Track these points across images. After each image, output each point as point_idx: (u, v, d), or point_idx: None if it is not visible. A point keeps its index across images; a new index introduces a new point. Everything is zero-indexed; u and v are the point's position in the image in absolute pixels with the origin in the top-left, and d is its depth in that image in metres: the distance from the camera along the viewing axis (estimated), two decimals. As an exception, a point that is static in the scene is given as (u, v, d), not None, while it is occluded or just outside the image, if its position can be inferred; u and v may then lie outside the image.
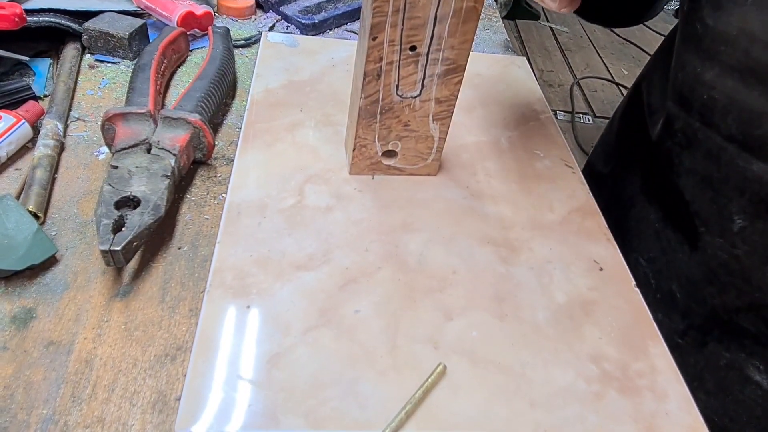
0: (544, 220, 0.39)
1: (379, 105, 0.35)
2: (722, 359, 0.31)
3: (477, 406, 0.28)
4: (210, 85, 0.43)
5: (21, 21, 0.45)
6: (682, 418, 0.29)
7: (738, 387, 0.30)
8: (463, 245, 0.36)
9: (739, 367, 0.32)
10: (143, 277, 0.33)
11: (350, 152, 0.39)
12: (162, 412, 0.27)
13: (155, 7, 0.54)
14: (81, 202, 0.37)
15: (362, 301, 0.31)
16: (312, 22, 0.61)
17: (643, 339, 0.32)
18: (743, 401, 0.34)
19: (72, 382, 0.27)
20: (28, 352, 0.28)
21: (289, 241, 0.34)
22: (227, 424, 0.25)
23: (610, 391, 0.29)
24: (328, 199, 0.37)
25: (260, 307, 0.30)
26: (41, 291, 0.31)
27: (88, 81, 0.48)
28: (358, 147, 0.38)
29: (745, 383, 0.30)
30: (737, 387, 0.30)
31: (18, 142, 0.39)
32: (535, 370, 0.30)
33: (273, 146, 0.41)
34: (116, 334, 0.29)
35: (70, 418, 0.26)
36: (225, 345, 0.28)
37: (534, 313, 0.33)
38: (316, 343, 0.29)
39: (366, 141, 0.37)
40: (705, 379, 0.36)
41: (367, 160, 0.39)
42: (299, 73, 0.49)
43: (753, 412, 0.34)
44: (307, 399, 0.27)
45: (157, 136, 0.37)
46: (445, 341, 0.30)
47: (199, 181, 0.40)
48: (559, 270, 0.36)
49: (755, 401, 0.30)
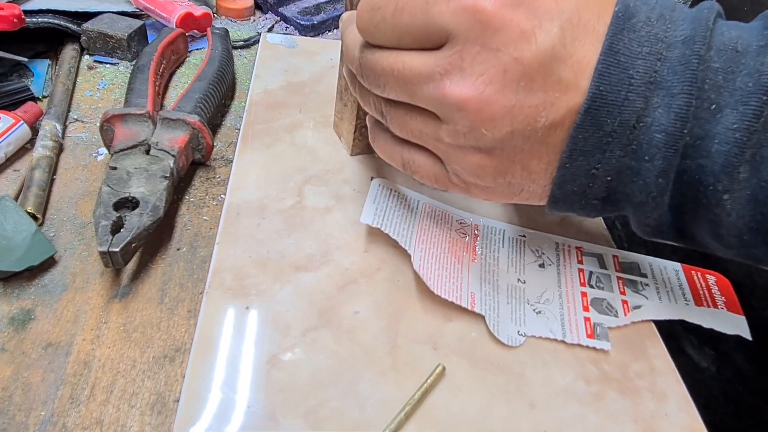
0: (543, 221, 0.39)
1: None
2: (664, 330, 0.34)
3: (476, 406, 0.28)
4: (209, 86, 0.43)
5: (20, 22, 0.45)
6: (682, 418, 0.29)
7: (673, 358, 0.32)
8: (463, 246, 0.36)
9: (677, 338, 0.34)
10: (142, 278, 0.33)
11: (350, 135, 0.40)
12: (161, 414, 0.27)
13: (154, 8, 0.54)
14: (80, 203, 0.37)
15: (362, 302, 0.31)
16: (311, 23, 0.61)
17: (642, 340, 0.32)
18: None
19: (70, 384, 0.27)
20: (26, 353, 0.28)
21: (289, 242, 0.34)
22: (226, 425, 0.25)
23: (610, 391, 0.29)
24: (328, 200, 0.37)
25: (259, 308, 0.30)
26: (40, 292, 0.31)
27: (87, 82, 0.48)
28: (359, 128, 0.39)
29: (680, 355, 0.32)
30: (672, 358, 0.32)
31: (16, 143, 0.39)
32: (535, 370, 0.30)
33: (272, 147, 0.41)
34: (115, 336, 0.29)
35: (69, 420, 0.26)
36: (224, 346, 0.28)
37: (533, 314, 0.33)
38: (316, 344, 0.29)
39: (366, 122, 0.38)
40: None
41: (366, 139, 0.39)
42: (298, 74, 0.49)
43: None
44: (306, 400, 0.27)
45: (155, 137, 0.37)
46: (444, 342, 0.30)
47: (198, 182, 0.40)
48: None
49: (686, 373, 0.31)
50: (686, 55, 0.23)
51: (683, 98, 0.23)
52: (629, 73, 0.23)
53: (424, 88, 0.25)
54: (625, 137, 0.24)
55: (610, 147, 0.24)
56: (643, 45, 0.23)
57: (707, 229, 0.26)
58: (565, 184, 0.26)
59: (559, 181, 0.26)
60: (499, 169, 0.26)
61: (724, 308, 0.34)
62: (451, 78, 0.24)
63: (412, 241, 0.33)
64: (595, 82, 0.23)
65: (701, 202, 0.25)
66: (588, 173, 0.25)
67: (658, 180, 0.24)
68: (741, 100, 0.23)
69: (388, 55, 0.26)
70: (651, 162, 0.24)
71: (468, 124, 0.25)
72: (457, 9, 0.23)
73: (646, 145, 0.24)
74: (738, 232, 0.25)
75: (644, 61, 0.23)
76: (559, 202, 0.27)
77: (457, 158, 0.27)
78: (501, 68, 0.23)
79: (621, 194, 0.26)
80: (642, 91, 0.23)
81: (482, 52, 0.23)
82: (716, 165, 0.23)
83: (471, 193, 0.29)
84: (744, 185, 0.23)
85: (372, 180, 0.37)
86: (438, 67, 0.24)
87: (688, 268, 0.37)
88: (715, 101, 0.23)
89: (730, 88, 0.23)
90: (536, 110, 0.24)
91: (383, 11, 0.25)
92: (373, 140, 0.32)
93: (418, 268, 0.31)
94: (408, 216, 0.35)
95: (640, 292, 0.35)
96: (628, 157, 0.24)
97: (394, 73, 0.26)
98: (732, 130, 0.23)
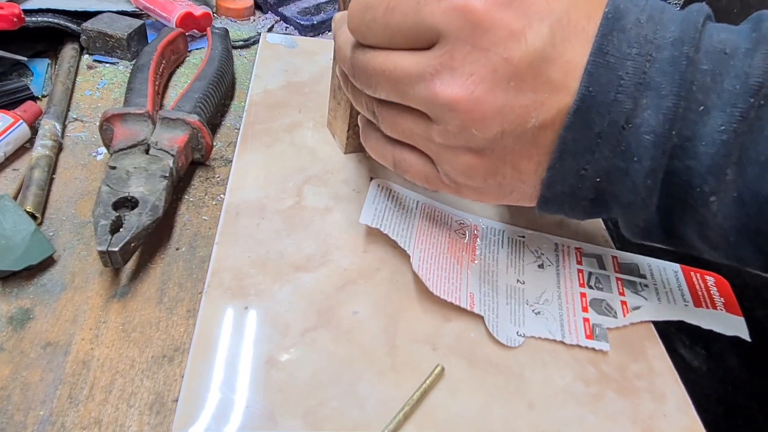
0: (543, 222, 0.39)
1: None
2: (656, 329, 0.34)
3: (475, 407, 0.28)
4: (208, 86, 0.43)
5: (19, 21, 0.45)
6: (681, 419, 0.29)
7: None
8: (462, 246, 0.36)
9: (669, 337, 0.34)
10: (141, 278, 0.33)
11: (343, 133, 0.40)
12: (159, 414, 0.27)
13: (154, 7, 0.54)
14: (79, 202, 0.37)
15: (361, 303, 0.31)
16: (311, 23, 0.62)
17: (641, 340, 0.32)
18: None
19: (69, 383, 0.27)
20: (25, 353, 0.28)
21: (288, 242, 0.34)
22: (225, 426, 0.25)
23: (609, 392, 0.30)
24: (327, 200, 0.37)
25: (258, 308, 0.30)
26: (39, 292, 0.31)
27: (87, 81, 0.48)
28: (352, 127, 0.39)
29: (672, 354, 0.32)
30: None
31: (16, 142, 0.39)
32: (534, 371, 0.30)
33: (272, 147, 0.41)
34: (114, 335, 0.29)
35: (68, 420, 0.26)
36: (223, 346, 0.28)
37: (532, 315, 0.33)
38: (315, 344, 0.29)
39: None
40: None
41: (360, 138, 0.39)
42: (298, 74, 0.49)
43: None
44: (305, 400, 0.27)
45: (155, 137, 0.37)
46: (443, 342, 0.30)
47: (197, 181, 0.40)
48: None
49: (677, 372, 0.32)
50: (675, 57, 0.23)
51: (672, 99, 0.23)
52: (618, 74, 0.23)
53: (414, 88, 0.25)
54: (614, 138, 0.24)
55: (599, 147, 0.24)
56: (633, 46, 0.23)
57: (694, 231, 0.26)
58: (554, 185, 0.26)
59: (549, 181, 0.26)
60: (490, 169, 0.26)
61: (723, 309, 0.34)
62: (442, 78, 0.24)
63: (411, 241, 0.33)
64: (584, 83, 0.23)
65: (688, 203, 0.25)
66: (577, 174, 0.25)
67: (646, 181, 0.24)
68: (728, 101, 0.23)
69: (379, 55, 0.26)
70: (639, 162, 0.24)
71: (458, 124, 0.25)
72: (447, 9, 0.23)
73: (635, 146, 0.24)
74: (724, 234, 0.25)
75: (633, 62, 0.23)
76: (548, 202, 0.27)
77: (448, 158, 0.27)
78: (491, 68, 0.23)
79: (610, 195, 0.26)
80: (631, 92, 0.23)
81: (472, 52, 0.23)
82: (703, 166, 0.23)
83: (461, 193, 0.29)
84: (730, 187, 0.23)
85: (371, 180, 0.37)
86: (429, 67, 0.24)
87: (687, 269, 0.37)
88: (703, 103, 0.23)
89: (717, 89, 0.23)
90: (526, 110, 0.24)
91: (374, 11, 0.25)
92: (364, 140, 0.32)
93: (417, 268, 0.31)
94: (407, 216, 0.35)
95: (639, 293, 0.35)
96: (617, 158, 0.24)
97: (385, 73, 0.26)
98: (719, 131, 0.23)
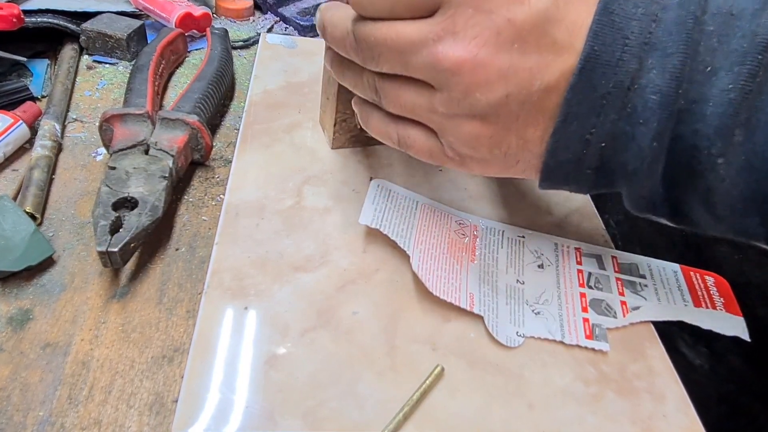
0: (542, 222, 0.39)
1: None
2: (657, 329, 0.34)
3: (475, 407, 0.28)
4: (208, 87, 0.43)
5: (19, 22, 0.45)
6: (680, 420, 0.29)
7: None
8: (462, 247, 0.36)
9: (671, 336, 0.34)
10: (140, 278, 0.33)
11: (330, 128, 0.40)
12: (159, 414, 0.27)
13: (153, 8, 0.54)
14: (78, 203, 0.37)
15: (360, 303, 0.31)
16: (310, 24, 0.61)
17: (640, 341, 0.32)
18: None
19: (69, 384, 0.27)
20: (24, 353, 0.28)
21: (288, 243, 0.34)
22: (225, 426, 0.25)
23: (608, 392, 0.30)
24: (327, 201, 0.37)
25: (258, 308, 0.30)
26: (38, 292, 0.31)
27: (86, 82, 0.48)
28: (339, 122, 0.39)
29: (674, 353, 0.32)
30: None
31: (15, 142, 0.39)
32: (533, 371, 0.30)
33: (271, 147, 0.41)
34: (113, 336, 0.29)
35: (67, 420, 0.26)
36: (222, 346, 0.28)
37: (532, 315, 0.33)
38: (314, 345, 0.29)
39: (346, 115, 0.39)
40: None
41: (347, 133, 0.40)
42: (297, 75, 0.49)
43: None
44: (305, 400, 0.27)
45: (155, 137, 0.37)
46: (443, 342, 0.30)
47: (197, 182, 0.40)
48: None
49: (679, 371, 0.32)
50: (681, 17, 0.23)
51: (678, 58, 0.23)
52: (624, 34, 0.23)
53: (417, 56, 0.25)
54: (620, 100, 0.24)
55: (604, 110, 0.24)
56: (638, 6, 0.23)
57: (700, 200, 0.25)
58: (558, 152, 0.26)
59: (553, 147, 0.26)
60: (495, 138, 0.26)
61: (723, 309, 0.34)
62: (444, 42, 0.24)
63: (410, 241, 0.33)
64: (589, 42, 0.23)
65: (695, 169, 0.24)
66: (582, 138, 0.25)
67: (652, 144, 0.24)
68: (736, 61, 0.23)
69: (381, 25, 0.26)
70: (645, 125, 0.24)
71: (462, 89, 0.24)
72: None
73: (641, 108, 0.24)
74: (731, 201, 0.24)
75: (639, 23, 0.23)
76: (552, 172, 0.27)
77: (452, 129, 0.27)
78: (494, 30, 0.23)
79: (615, 163, 0.26)
80: (636, 51, 0.23)
81: (475, 14, 0.23)
82: (710, 128, 0.23)
83: (466, 166, 0.29)
84: (738, 150, 0.23)
85: (371, 180, 0.37)
86: (431, 33, 0.24)
87: (687, 269, 0.37)
88: (710, 63, 0.23)
89: (724, 50, 0.23)
90: (531, 73, 0.24)
91: None
92: (366, 121, 0.32)
93: (417, 268, 0.31)
94: (407, 216, 0.35)
95: (639, 293, 0.35)
96: (622, 121, 0.24)
97: (388, 42, 0.25)
98: (727, 90, 0.23)
